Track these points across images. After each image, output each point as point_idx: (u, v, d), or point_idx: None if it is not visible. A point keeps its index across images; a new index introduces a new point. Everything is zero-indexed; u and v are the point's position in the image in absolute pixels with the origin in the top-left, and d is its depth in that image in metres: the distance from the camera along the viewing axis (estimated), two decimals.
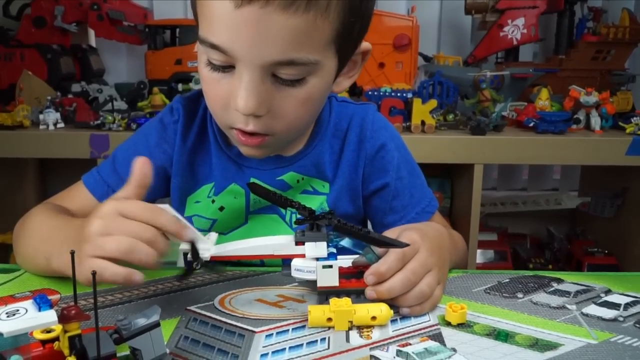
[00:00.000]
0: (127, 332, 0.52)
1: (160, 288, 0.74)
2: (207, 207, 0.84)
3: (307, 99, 0.70)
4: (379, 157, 0.85)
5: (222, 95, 0.70)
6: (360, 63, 0.79)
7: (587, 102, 1.52)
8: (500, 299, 0.71)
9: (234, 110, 0.69)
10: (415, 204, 0.87)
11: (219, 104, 0.71)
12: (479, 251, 1.68)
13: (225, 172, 0.83)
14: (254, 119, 0.69)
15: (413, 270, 0.65)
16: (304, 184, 0.84)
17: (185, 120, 0.84)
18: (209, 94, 0.73)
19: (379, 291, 0.64)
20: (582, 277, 0.78)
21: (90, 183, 0.84)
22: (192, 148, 0.84)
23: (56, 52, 1.71)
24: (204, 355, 0.58)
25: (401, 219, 0.85)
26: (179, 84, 1.64)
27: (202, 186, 0.85)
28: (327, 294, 0.65)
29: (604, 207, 1.72)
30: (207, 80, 0.71)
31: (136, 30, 1.82)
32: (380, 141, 0.85)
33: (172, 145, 0.84)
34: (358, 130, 0.85)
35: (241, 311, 0.67)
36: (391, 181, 0.85)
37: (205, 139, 0.85)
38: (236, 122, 0.70)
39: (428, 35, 1.95)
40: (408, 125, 1.48)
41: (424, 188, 0.90)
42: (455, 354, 0.58)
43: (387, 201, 0.86)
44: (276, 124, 0.70)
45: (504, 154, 1.46)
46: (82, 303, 0.67)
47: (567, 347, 0.59)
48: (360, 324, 0.63)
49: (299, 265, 0.64)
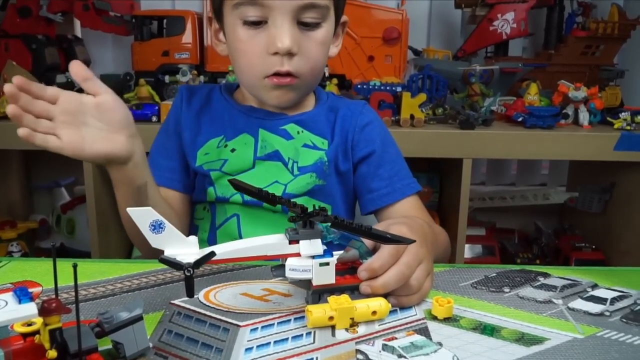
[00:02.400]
0: (109, 325, 0.52)
1: (144, 281, 0.73)
2: (220, 152, 0.94)
3: (323, 42, 0.89)
4: (367, 129, 0.97)
5: (259, 47, 0.86)
6: (341, 35, 0.98)
7: (576, 97, 1.52)
8: (487, 293, 0.71)
9: (270, 57, 0.85)
10: (402, 177, 0.97)
11: (256, 54, 0.87)
12: (467, 246, 1.68)
13: (235, 124, 0.95)
14: (288, 59, 0.85)
15: (407, 264, 0.65)
16: (303, 136, 0.95)
17: (187, 92, 1.00)
18: (247, 50, 0.87)
19: (374, 287, 0.64)
20: (569, 271, 0.78)
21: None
22: (198, 108, 0.98)
23: (41, 42, 1.68)
24: (188, 349, 0.57)
25: (387, 186, 0.95)
26: (165, 75, 1.61)
27: (210, 139, 0.95)
28: (321, 293, 0.64)
29: (591, 202, 1.72)
30: (243, 39, 0.87)
31: (122, 20, 1.79)
32: (369, 118, 0.99)
33: (180, 109, 0.98)
34: (351, 109, 0.99)
35: (226, 305, 0.67)
36: (377, 149, 0.96)
37: (209, 102, 0.98)
38: (273, 66, 0.86)
39: (418, 28, 1.94)
40: (397, 119, 1.48)
41: (408, 170, 1.00)
42: (441, 348, 0.57)
43: (373, 167, 0.96)
44: (303, 65, 0.87)
45: (493, 148, 1.47)
46: (64, 296, 0.66)
47: (553, 342, 0.59)
48: (361, 320, 0.62)
49: (294, 264, 0.62)
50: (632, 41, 1.75)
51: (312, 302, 0.64)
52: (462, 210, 1.49)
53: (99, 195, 1.49)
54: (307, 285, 0.64)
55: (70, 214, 1.82)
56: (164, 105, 1.47)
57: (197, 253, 0.58)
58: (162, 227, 0.57)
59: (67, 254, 1.78)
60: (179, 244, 0.58)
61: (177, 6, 1.91)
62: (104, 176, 1.52)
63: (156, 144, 1.00)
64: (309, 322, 0.61)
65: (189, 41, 1.66)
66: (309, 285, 0.64)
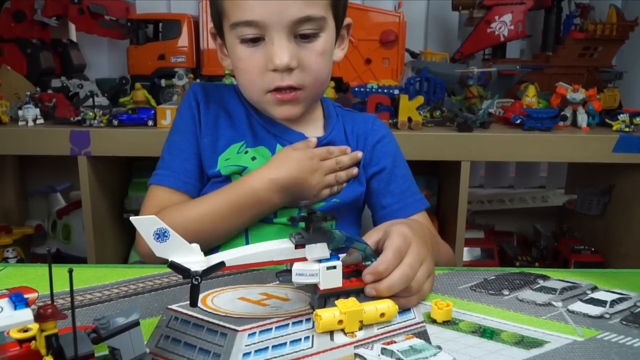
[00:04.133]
0: (106, 331, 0.51)
1: (140, 287, 0.73)
2: (239, 158, 0.92)
3: (323, 51, 0.88)
4: (379, 146, 0.97)
5: (258, 64, 0.86)
6: (347, 37, 0.98)
7: (574, 99, 1.52)
8: (486, 296, 0.71)
9: (270, 72, 0.85)
10: (413, 193, 0.97)
11: (256, 71, 0.86)
12: (466, 249, 1.68)
13: (255, 135, 0.94)
14: (288, 74, 0.85)
15: (410, 265, 0.65)
16: None
17: (202, 92, 0.97)
18: (246, 67, 0.87)
19: (379, 289, 0.64)
20: (568, 274, 0.78)
21: (163, 181, 0.93)
22: (216, 112, 0.96)
23: (36, 46, 1.68)
24: (185, 354, 0.57)
25: (399, 201, 0.95)
26: (161, 79, 1.61)
27: (231, 145, 0.94)
28: (327, 297, 0.63)
29: (590, 204, 1.72)
30: (242, 57, 0.87)
31: (118, 24, 1.78)
32: (380, 134, 0.99)
33: (196, 111, 0.96)
34: (362, 126, 0.99)
35: (223, 310, 0.66)
36: (388, 165, 0.97)
37: (227, 106, 0.96)
38: (273, 82, 0.86)
39: (415, 31, 1.94)
40: (395, 122, 1.47)
41: (417, 187, 0.99)
42: (440, 351, 0.57)
43: (384, 183, 0.96)
44: (305, 77, 0.87)
45: (491, 151, 1.46)
46: (60, 302, 0.65)
47: (553, 345, 0.59)
48: (369, 322, 0.62)
49: (301, 269, 0.62)
50: (630, 42, 1.75)
51: (318, 307, 0.63)
52: (460, 213, 1.48)
53: (94, 200, 1.49)
54: (314, 289, 0.64)
55: (66, 220, 1.81)
56: (160, 109, 1.46)
57: (202, 261, 0.58)
58: (167, 235, 0.56)
59: (63, 259, 1.77)
60: (184, 252, 0.57)
61: (173, 9, 1.91)
62: (99, 182, 1.51)
63: (169, 144, 0.96)
64: (319, 326, 0.60)
65: (185, 45, 1.66)
66: (315, 290, 0.64)
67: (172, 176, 0.92)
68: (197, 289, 0.57)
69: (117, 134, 1.44)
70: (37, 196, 1.97)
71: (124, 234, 1.69)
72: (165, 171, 0.93)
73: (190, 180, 0.93)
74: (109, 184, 1.59)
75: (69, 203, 1.86)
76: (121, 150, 1.45)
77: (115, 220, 1.65)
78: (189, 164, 0.93)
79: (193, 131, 0.95)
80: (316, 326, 0.60)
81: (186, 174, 0.93)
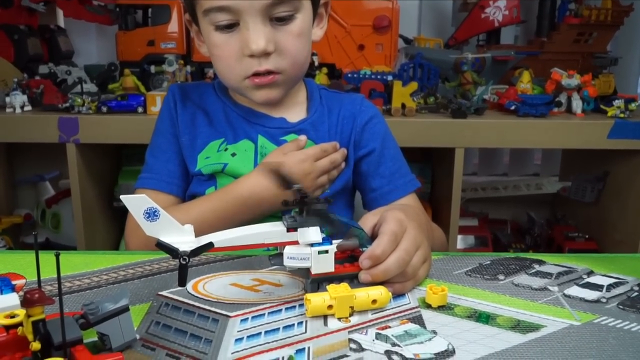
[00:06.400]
0: (94, 316, 0.51)
1: (130, 273, 0.71)
2: (220, 156, 0.91)
3: (300, 33, 0.86)
4: (368, 127, 0.95)
5: (234, 50, 0.84)
6: (325, 15, 0.95)
7: (569, 84, 1.51)
8: (481, 281, 0.70)
9: (247, 58, 0.84)
10: (403, 174, 0.96)
11: (233, 58, 0.85)
12: (460, 237, 1.68)
13: (234, 127, 0.93)
14: (265, 59, 0.83)
15: (406, 249, 0.65)
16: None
17: (180, 92, 0.96)
18: (222, 54, 0.86)
19: (374, 274, 0.63)
20: (564, 258, 0.77)
21: (146, 184, 0.93)
22: (193, 111, 0.95)
23: (23, 32, 1.65)
24: (176, 340, 0.56)
25: (389, 184, 0.94)
26: (151, 65, 1.58)
27: (209, 142, 0.93)
28: (320, 281, 0.63)
29: (584, 191, 1.72)
30: (218, 43, 0.85)
31: (106, 9, 1.76)
32: (369, 114, 0.96)
33: (174, 111, 0.95)
34: (350, 108, 0.97)
35: (215, 295, 0.65)
36: (377, 147, 0.95)
37: (204, 103, 0.95)
38: (250, 68, 0.84)
39: (408, 16, 1.92)
40: (388, 108, 1.46)
41: (407, 167, 0.98)
42: (435, 336, 0.56)
43: (374, 165, 0.95)
44: (282, 61, 0.85)
45: (485, 137, 1.45)
46: (48, 288, 0.64)
47: (549, 329, 0.58)
48: (361, 309, 0.61)
49: (292, 253, 0.61)
50: (625, 28, 1.75)
51: (311, 291, 0.62)
52: (454, 201, 1.48)
53: (84, 189, 1.47)
54: (306, 273, 0.63)
55: (55, 208, 1.80)
56: (150, 95, 1.45)
57: (193, 242, 0.57)
58: (157, 214, 0.56)
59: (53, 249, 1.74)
60: (175, 232, 0.57)
61: None
62: (88, 170, 1.50)
63: (151, 147, 0.96)
64: (308, 310, 0.59)
65: (175, 30, 1.64)
66: (307, 274, 0.63)
67: (155, 178, 0.92)
68: (186, 269, 0.56)
69: (106, 120, 1.42)
70: (26, 185, 1.94)
71: (113, 223, 1.68)
72: (149, 174, 0.94)
73: (174, 180, 0.93)
74: (99, 172, 1.57)
75: (58, 192, 1.85)
76: (110, 137, 1.43)
77: (105, 209, 1.63)
78: (171, 165, 0.93)
79: (172, 132, 0.94)
80: (305, 310, 0.60)
81: (169, 174, 0.93)
